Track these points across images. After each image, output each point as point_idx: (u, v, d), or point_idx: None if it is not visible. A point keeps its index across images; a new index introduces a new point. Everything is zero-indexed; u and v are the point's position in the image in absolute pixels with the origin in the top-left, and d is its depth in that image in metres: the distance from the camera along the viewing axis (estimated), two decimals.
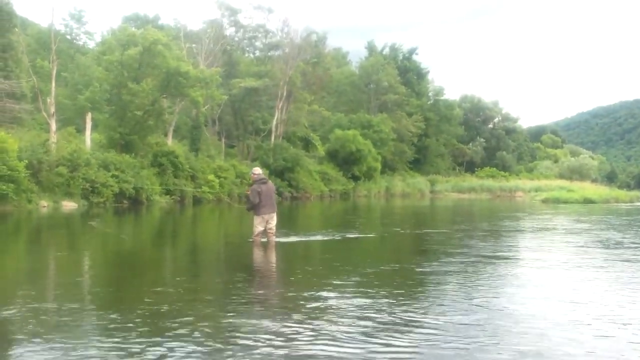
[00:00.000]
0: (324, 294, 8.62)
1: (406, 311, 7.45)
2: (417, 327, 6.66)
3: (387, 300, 8.15)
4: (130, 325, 6.57)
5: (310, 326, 6.61)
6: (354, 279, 10.10)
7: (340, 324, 6.75)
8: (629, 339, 6.38)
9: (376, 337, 6.18)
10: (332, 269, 11.55)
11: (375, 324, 6.74)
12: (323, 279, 10.27)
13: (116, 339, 5.96)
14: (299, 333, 6.32)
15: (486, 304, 7.94)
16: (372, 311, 7.40)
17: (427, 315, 7.27)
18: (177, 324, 6.61)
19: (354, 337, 6.16)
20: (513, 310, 7.63)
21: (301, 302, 8.01)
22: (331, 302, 8.01)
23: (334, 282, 9.82)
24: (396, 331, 6.45)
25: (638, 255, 13.99)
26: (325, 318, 7.05)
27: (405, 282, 10.03)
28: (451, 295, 8.66)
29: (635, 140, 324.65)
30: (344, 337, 6.14)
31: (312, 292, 8.73)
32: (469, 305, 7.90)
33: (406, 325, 6.74)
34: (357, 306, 7.71)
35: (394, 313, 7.33)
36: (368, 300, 8.09)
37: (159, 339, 6.01)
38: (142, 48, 38.29)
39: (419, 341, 6.08)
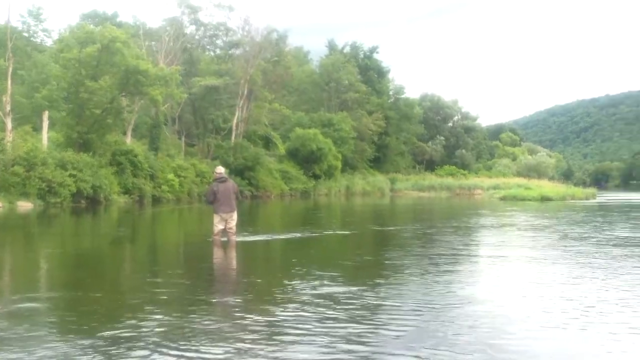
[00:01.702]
0: (278, 293, 8.71)
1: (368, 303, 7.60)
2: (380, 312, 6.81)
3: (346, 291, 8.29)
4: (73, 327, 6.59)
5: (261, 326, 6.70)
6: (314, 275, 10.22)
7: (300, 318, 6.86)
8: (580, 327, 6.64)
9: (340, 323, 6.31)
10: (289, 267, 11.64)
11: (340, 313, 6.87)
12: (279, 277, 10.36)
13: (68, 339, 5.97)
14: (246, 335, 6.39)
15: (446, 293, 8.16)
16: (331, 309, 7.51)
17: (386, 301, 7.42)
18: (121, 325, 6.63)
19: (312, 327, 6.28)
20: (472, 299, 7.83)
21: (252, 303, 8.08)
22: (286, 301, 8.09)
23: (291, 280, 9.90)
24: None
25: (594, 249, 14.33)
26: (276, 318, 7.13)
27: (369, 276, 10.18)
28: (412, 287, 8.88)
29: (591, 138, 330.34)
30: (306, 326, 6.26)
31: (269, 291, 8.82)
32: (425, 293, 8.07)
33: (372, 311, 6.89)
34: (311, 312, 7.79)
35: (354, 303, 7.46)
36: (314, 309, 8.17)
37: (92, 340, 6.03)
38: (100, 46, 37.87)
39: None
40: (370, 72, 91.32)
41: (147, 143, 47.45)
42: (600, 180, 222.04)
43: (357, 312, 7.57)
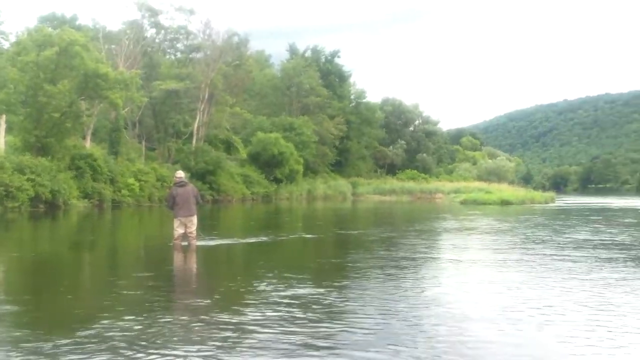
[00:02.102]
0: (237, 297, 8.77)
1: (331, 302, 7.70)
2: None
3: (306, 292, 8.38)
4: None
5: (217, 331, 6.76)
6: (277, 277, 10.30)
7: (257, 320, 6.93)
8: (538, 327, 6.87)
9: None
10: (250, 271, 11.71)
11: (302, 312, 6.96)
12: (241, 280, 10.41)
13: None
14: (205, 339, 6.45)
15: (410, 295, 8.30)
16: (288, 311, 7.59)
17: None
18: (82, 330, 6.65)
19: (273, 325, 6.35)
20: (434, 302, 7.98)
21: (211, 307, 8.13)
22: (246, 305, 8.16)
23: (253, 284, 9.97)
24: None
25: (554, 252, 14.63)
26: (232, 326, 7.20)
27: (334, 278, 10.29)
28: (376, 289, 9.02)
29: (550, 142, 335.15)
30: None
31: (230, 294, 8.88)
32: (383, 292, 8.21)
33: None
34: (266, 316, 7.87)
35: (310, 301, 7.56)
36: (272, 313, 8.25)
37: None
38: (59, 49, 37.41)
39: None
40: (331, 76, 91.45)
41: (107, 147, 46.96)
42: (559, 184, 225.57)
43: (323, 313, 7.72)
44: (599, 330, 7.01)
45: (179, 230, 15.06)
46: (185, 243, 15.06)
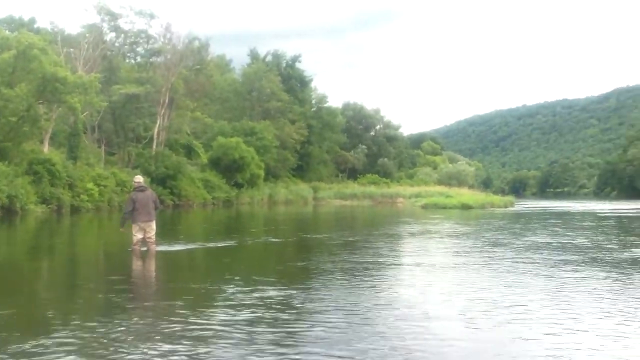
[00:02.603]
0: (193, 301, 8.82)
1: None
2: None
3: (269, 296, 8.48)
4: None
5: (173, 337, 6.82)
6: (239, 281, 10.37)
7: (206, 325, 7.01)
8: (496, 326, 7.07)
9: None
10: (213, 275, 11.75)
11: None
12: (201, 285, 10.45)
13: None
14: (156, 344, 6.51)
15: (372, 297, 8.46)
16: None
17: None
18: (37, 338, 6.66)
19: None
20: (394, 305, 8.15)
21: (165, 313, 8.18)
22: (195, 310, 8.22)
23: (216, 287, 10.02)
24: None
25: (514, 254, 14.93)
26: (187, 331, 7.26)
27: (298, 281, 10.39)
28: (339, 292, 9.17)
29: (509, 147, 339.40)
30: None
31: (191, 297, 8.92)
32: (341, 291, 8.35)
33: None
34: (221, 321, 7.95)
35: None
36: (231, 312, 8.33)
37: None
38: (16, 52, 36.96)
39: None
40: (292, 81, 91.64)
41: (66, 152, 46.37)
42: (518, 189, 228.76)
43: (289, 314, 7.90)
44: (556, 327, 7.30)
45: (137, 236, 15.02)
46: (145, 248, 15.02)
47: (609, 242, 19.77)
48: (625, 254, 15.91)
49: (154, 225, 15.19)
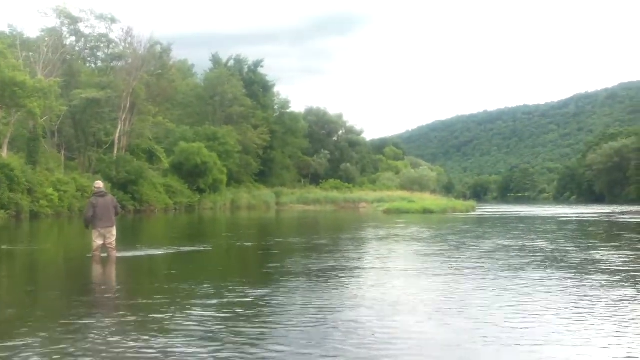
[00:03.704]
0: (148, 307, 8.88)
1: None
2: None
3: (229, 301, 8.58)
4: None
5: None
6: (202, 285, 10.44)
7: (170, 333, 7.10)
8: (448, 323, 7.31)
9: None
10: (169, 281, 11.77)
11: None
12: (163, 289, 10.49)
13: None
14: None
15: (334, 297, 8.64)
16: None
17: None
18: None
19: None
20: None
21: (128, 318, 8.23)
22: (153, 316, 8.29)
23: (162, 295, 10.07)
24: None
25: (475, 256, 15.23)
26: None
27: (264, 284, 10.49)
28: (302, 293, 9.33)
29: (470, 152, 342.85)
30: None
31: (152, 301, 8.97)
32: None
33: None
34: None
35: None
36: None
37: None
38: None
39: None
40: (255, 86, 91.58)
41: (25, 157, 45.77)
42: (479, 193, 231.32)
43: (258, 314, 8.09)
44: (515, 322, 7.65)
45: (97, 242, 14.94)
46: (105, 254, 14.96)
47: (569, 245, 20.29)
48: (581, 255, 16.41)
49: (114, 231, 15.13)
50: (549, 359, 6.29)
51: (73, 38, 60.69)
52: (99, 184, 16.02)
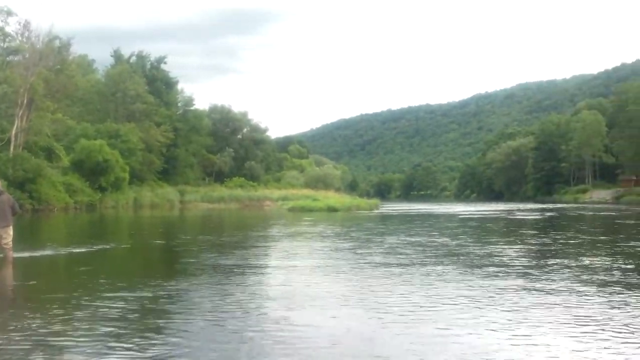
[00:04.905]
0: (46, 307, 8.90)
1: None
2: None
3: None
4: None
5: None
6: (100, 284, 10.46)
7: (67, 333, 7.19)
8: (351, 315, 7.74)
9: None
10: (65, 282, 11.72)
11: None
12: (52, 294, 10.43)
13: None
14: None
15: (240, 293, 8.91)
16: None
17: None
18: None
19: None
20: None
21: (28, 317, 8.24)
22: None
23: (76, 291, 10.06)
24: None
25: (377, 250, 15.72)
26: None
27: (166, 281, 10.58)
28: (207, 292, 9.56)
29: (374, 151, 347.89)
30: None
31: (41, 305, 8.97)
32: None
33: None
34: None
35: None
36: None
37: None
38: None
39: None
40: (157, 82, 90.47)
41: None
42: (383, 191, 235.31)
43: (156, 311, 8.44)
44: (414, 315, 8.06)
45: None
46: (1, 255, 14.61)
47: (469, 240, 21.29)
48: (480, 250, 17.26)
49: (10, 230, 14.75)
50: (447, 341, 6.82)
51: None
52: None
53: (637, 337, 7.13)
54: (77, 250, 17.55)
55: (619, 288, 10.58)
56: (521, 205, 75.18)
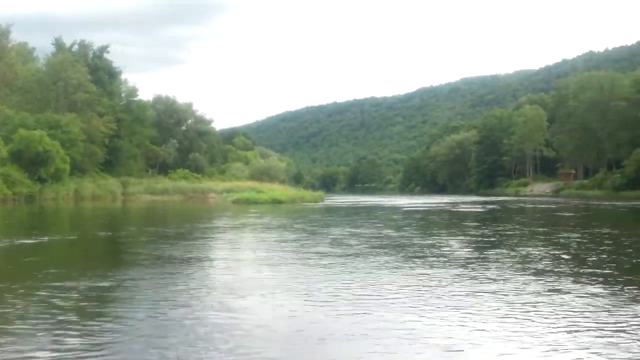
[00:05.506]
0: None
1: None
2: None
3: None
4: None
5: None
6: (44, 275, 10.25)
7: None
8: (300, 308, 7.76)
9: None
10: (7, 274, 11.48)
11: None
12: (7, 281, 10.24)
13: None
14: None
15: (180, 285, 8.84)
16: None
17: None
18: None
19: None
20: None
21: None
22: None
23: (24, 282, 9.86)
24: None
25: (324, 240, 15.76)
26: None
27: (109, 273, 10.42)
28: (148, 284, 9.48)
29: (319, 143, 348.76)
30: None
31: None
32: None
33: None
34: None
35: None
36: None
37: None
38: None
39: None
40: (100, 72, 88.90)
41: None
42: (328, 184, 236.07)
43: (95, 307, 8.30)
44: (361, 307, 8.11)
45: None
46: None
47: (412, 232, 21.60)
48: (422, 241, 17.56)
49: None
50: (382, 327, 6.88)
51: None
52: None
53: (563, 322, 7.49)
54: (21, 242, 17.20)
55: (553, 276, 11.09)
56: (464, 198, 76.41)
